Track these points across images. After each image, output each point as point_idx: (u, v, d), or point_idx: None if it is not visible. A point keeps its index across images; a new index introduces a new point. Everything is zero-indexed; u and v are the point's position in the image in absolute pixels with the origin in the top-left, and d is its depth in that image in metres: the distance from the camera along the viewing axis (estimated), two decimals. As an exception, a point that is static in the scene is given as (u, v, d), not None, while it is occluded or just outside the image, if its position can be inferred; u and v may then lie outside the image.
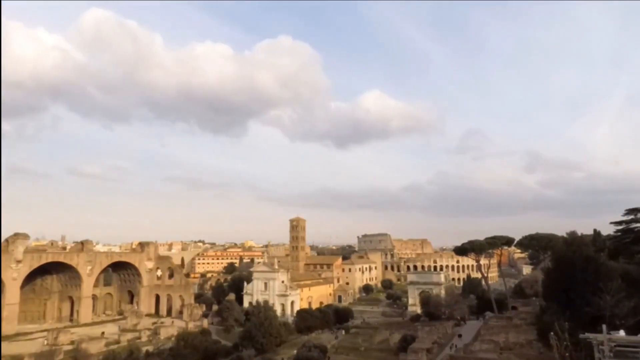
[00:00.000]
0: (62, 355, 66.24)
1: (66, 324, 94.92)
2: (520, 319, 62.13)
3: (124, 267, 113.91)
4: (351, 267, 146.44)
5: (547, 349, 30.64)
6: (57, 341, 72.95)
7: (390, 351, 61.28)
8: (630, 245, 58.17)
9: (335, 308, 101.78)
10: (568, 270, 38.84)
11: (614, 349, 18.85)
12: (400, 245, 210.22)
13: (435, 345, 54.46)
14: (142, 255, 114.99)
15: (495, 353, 44.62)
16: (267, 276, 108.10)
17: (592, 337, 19.71)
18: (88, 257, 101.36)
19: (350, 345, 69.19)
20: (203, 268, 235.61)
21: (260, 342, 65.49)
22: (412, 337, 57.46)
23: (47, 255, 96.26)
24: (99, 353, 65.64)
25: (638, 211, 58.67)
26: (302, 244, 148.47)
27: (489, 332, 57.21)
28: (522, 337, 50.87)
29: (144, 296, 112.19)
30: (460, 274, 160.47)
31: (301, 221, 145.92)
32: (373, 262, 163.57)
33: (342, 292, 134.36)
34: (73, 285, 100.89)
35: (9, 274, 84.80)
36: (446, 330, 67.87)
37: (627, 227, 60.10)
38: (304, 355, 54.47)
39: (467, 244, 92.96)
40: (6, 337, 76.46)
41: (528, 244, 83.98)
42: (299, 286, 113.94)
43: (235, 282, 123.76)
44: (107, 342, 73.16)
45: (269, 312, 74.05)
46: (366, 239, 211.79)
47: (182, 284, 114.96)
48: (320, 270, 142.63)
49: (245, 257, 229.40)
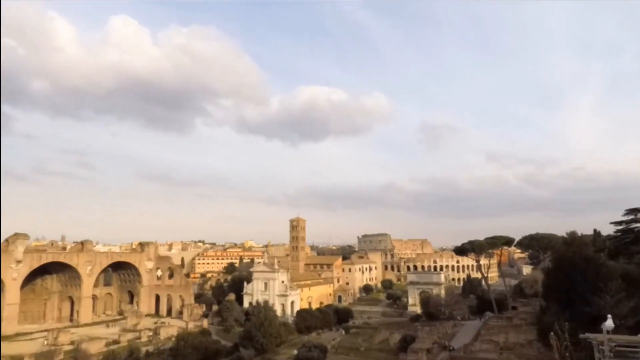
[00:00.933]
0: (62, 355, 66.32)
1: (66, 324, 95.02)
2: (520, 319, 61.97)
3: (124, 267, 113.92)
4: (351, 267, 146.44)
5: (547, 349, 30.62)
6: (57, 341, 73.00)
7: (390, 351, 61.33)
8: (630, 245, 58.10)
9: (335, 308, 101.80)
10: (568, 270, 38.75)
11: (614, 349, 18.89)
12: (400, 245, 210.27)
13: (435, 346, 54.39)
14: (142, 255, 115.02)
15: (495, 353, 44.58)
16: (267, 276, 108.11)
17: (592, 337, 19.76)
18: (88, 257, 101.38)
19: (350, 345, 69.22)
20: (203, 268, 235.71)
21: (260, 342, 65.46)
22: (412, 337, 57.38)
23: (47, 255, 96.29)
24: (99, 353, 65.71)
25: (638, 211, 58.70)
26: (302, 244, 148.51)
27: (489, 332, 57.14)
28: (522, 337, 50.79)
29: (144, 296, 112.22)
30: (460, 274, 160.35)
31: (301, 221, 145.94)
32: (373, 262, 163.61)
33: (342, 292, 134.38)
34: (73, 285, 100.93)
35: (9, 274, 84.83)
36: (446, 330, 67.79)
37: (627, 227, 60.12)
38: (304, 355, 54.51)
39: (467, 244, 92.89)
40: (6, 337, 76.46)
41: (528, 244, 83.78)
42: (299, 286, 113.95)
43: (235, 282, 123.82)
44: (107, 342, 73.15)
45: (269, 312, 74.00)
46: (366, 239, 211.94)
47: (182, 284, 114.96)
48: (320, 270, 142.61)
49: (245, 257, 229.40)
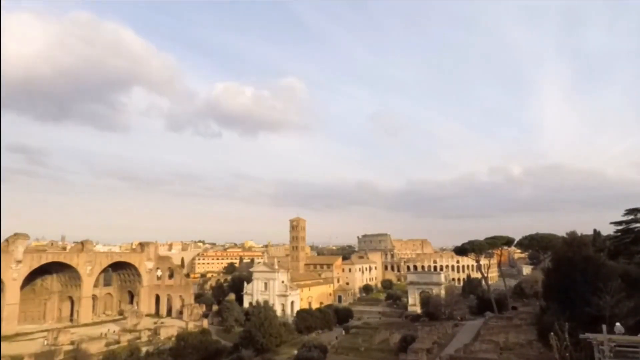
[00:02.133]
0: (62, 355, 66.36)
1: (66, 324, 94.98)
2: (520, 319, 61.91)
3: (124, 267, 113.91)
4: (351, 267, 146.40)
5: (547, 349, 30.62)
6: (57, 341, 73.01)
7: (391, 351, 61.28)
8: (630, 245, 58.08)
9: (335, 308, 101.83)
10: (568, 270, 38.72)
11: (614, 349, 18.90)
12: (400, 245, 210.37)
13: (435, 346, 54.37)
14: (142, 255, 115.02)
15: (495, 353, 44.52)
16: (267, 276, 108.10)
17: (592, 337, 19.77)
18: (88, 257, 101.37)
19: (350, 345, 69.21)
20: (203, 268, 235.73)
21: (260, 342, 65.47)
22: (412, 337, 57.34)
23: (47, 255, 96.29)
24: (99, 353, 65.76)
25: (638, 211, 58.61)
26: (302, 244, 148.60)
27: (489, 332, 57.08)
28: (522, 337, 50.78)
29: (144, 296, 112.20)
30: (460, 274, 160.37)
31: (301, 221, 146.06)
32: (373, 262, 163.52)
33: (342, 292, 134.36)
34: (73, 286, 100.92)
35: (9, 274, 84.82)
36: (446, 330, 67.76)
37: (627, 227, 59.99)
38: (304, 355, 54.50)
39: (467, 244, 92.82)
40: (6, 337, 76.42)
41: (528, 244, 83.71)
42: (299, 286, 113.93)
43: (235, 282, 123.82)
44: (107, 342, 73.22)
45: (269, 312, 74.08)
46: (366, 239, 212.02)
47: (182, 284, 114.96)
48: (320, 270, 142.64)
49: (245, 257, 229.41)
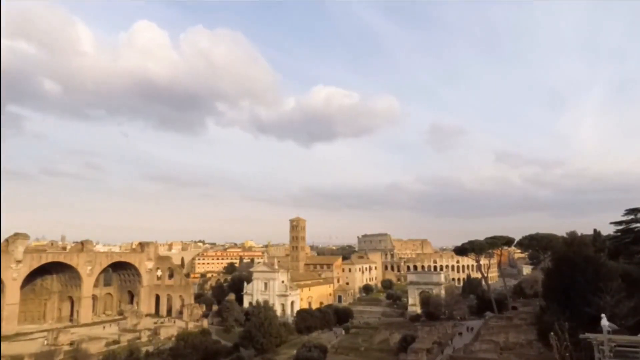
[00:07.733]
0: (62, 355, 66.32)
1: (66, 324, 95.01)
2: (520, 319, 61.98)
3: (124, 267, 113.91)
4: (351, 267, 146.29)
5: (547, 349, 30.65)
6: (57, 341, 73.00)
7: (391, 351, 61.36)
8: (630, 245, 58.16)
9: (335, 308, 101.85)
10: (568, 270, 38.76)
11: (614, 349, 18.87)
12: (400, 245, 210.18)
13: (435, 346, 54.39)
14: (142, 255, 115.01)
15: (495, 353, 44.53)
16: (267, 276, 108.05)
17: (592, 337, 19.74)
18: (88, 257, 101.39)
19: (350, 345, 69.23)
20: (203, 268, 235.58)
21: (260, 342, 65.50)
22: (412, 337, 57.42)
23: (47, 255, 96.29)
24: (99, 353, 65.77)
25: (638, 211, 58.65)
26: (302, 244, 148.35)
27: (489, 332, 57.10)
28: (522, 337, 50.84)
29: (144, 296, 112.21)
30: (460, 274, 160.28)
31: (301, 221, 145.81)
32: (373, 262, 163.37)
33: (342, 292, 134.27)
34: (73, 285, 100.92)
35: (9, 274, 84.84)
36: (446, 330, 67.80)
37: (627, 227, 60.11)
38: (303, 355, 54.49)
39: (467, 244, 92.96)
40: (6, 337, 76.46)
41: (528, 244, 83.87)
42: (299, 286, 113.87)
43: (235, 282, 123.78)
44: (107, 342, 73.19)
45: (269, 312, 74.05)
46: (366, 239, 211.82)
47: (182, 284, 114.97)
48: (320, 270, 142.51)
49: (245, 257, 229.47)
